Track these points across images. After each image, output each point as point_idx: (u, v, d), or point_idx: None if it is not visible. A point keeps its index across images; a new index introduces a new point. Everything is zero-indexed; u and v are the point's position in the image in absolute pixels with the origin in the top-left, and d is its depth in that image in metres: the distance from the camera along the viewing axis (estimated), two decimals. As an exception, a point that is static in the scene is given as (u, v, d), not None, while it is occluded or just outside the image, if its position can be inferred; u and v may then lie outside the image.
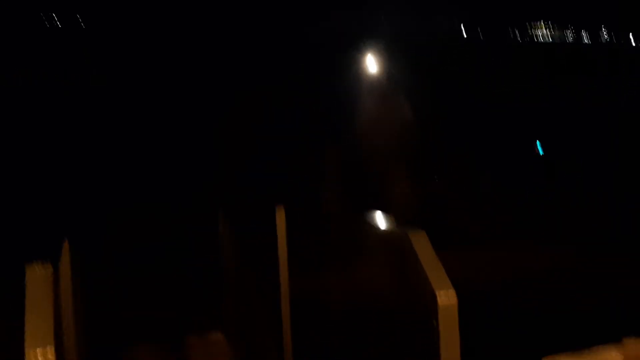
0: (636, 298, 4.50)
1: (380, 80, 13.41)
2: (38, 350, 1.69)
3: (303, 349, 3.78)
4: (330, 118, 11.18)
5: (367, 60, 13.43)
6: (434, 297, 2.46)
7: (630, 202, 8.11)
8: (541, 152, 13.05)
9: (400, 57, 15.28)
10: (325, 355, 3.75)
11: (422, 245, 2.65)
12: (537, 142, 12.83)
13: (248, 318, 4.42)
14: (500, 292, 5.21)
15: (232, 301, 4.69)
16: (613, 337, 2.37)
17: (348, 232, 3.58)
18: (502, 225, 7.50)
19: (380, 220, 3.18)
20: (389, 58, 14.22)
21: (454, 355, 2.48)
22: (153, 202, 7.52)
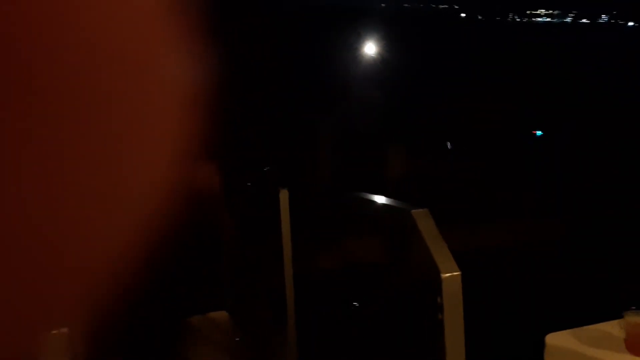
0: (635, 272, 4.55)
1: (379, 58, 13.38)
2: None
3: (306, 327, 3.83)
4: (329, 97, 11.15)
5: (366, 38, 13.41)
6: (438, 274, 2.49)
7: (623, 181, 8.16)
8: (539, 134, 13.10)
9: (402, 33, 15.21)
10: (328, 331, 3.79)
11: (425, 222, 2.68)
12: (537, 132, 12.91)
13: (251, 297, 4.47)
14: (503, 269, 5.25)
15: (234, 281, 4.73)
16: (615, 313, 2.41)
17: (350, 212, 3.61)
18: (503, 201, 7.54)
19: (382, 199, 3.20)
20: (388, 35, 14.17)
21: (458, 332, 2.52)
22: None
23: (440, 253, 2.58)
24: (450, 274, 2.51)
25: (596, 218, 6.87)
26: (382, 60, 13.45)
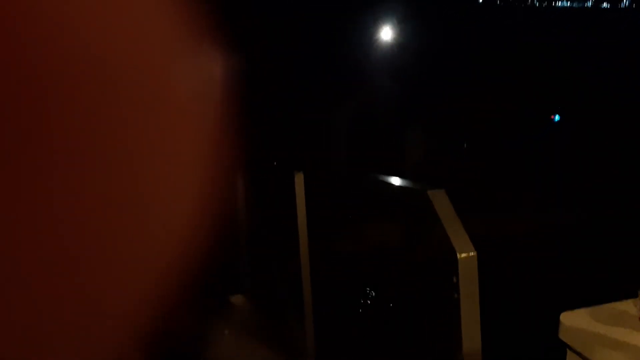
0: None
1: (397, 41, 13.32)
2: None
3: (322, 310, 3.85)
4: (345, 79, 11.12)
5: (382, 22, 13.34)
6: (454, 254, 2.50)
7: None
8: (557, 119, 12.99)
9: (419, 16, 15.10)
10: (344, 314, 3.81)
11: (441, 203, 2.68)
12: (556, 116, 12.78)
13: (268, 280, 4.49)
14: (518, 249, 5.25)
15: (251, 264, 4.76)
16: (630, 292, 2.41)
17: (366, 192, 3.62)
18: (518, 185, 7.51)
19: (398, 180, 3.20)
20: (406, 19, 14.07)
21: (473, 311, 2.53)
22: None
23: (457, 233, 2.58)
24: (467, 254, 2.51)
25: (614, 203, 6.85)
26: (399, 43, 13.38)
